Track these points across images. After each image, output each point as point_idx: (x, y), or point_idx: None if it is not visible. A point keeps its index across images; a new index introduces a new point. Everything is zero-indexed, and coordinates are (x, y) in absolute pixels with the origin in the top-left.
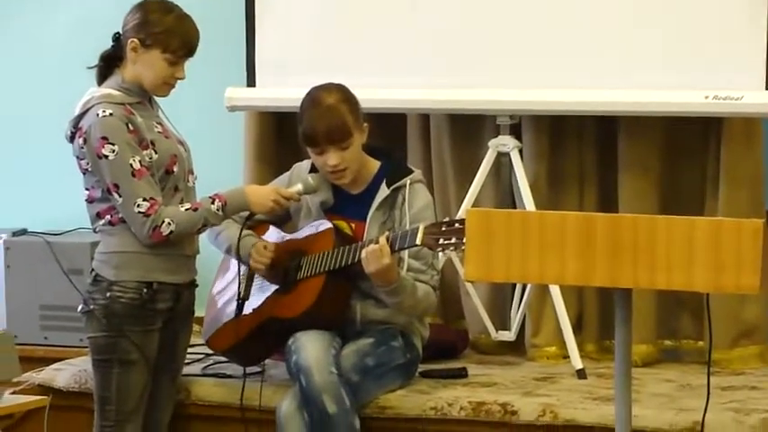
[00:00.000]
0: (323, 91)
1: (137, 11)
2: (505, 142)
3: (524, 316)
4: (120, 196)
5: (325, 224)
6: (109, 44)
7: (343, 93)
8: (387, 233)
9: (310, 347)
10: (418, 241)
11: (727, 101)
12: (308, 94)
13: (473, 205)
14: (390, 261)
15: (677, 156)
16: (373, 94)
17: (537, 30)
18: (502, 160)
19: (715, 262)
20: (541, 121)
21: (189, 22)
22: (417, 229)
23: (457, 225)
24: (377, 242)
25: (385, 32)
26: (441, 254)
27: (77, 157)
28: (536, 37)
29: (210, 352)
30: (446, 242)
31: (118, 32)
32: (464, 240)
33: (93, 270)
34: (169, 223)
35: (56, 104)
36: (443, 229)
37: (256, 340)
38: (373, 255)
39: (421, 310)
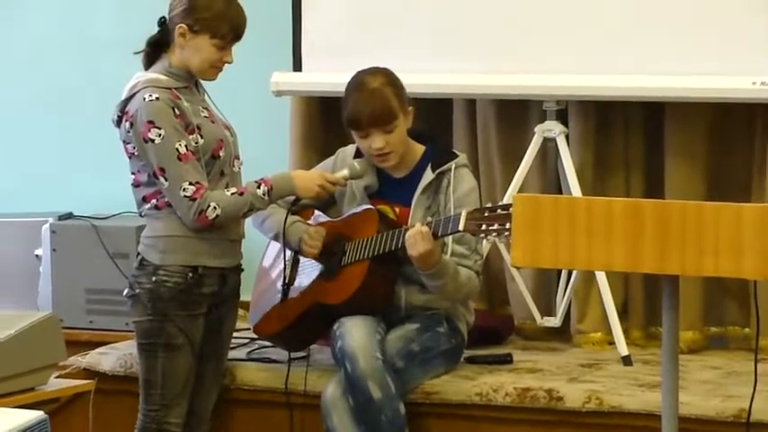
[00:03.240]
0: (367, 75)
1: None
2: (552, 128)
3: (570, 302)
4: (166, 180)
5: (369, 209)
6: (156, 28)
7: (387, 76)
8: (429, 219)
9: (355, 333)
10: (461, 227)
11: None
12: (353, 78)
13: (519, 191)
14: (433, 245)
15: (724, 142)
16: (420, 78)
17: (585, 15)
18: (548, 146)
19: (763, 248)
20: (588, 106)
21: (236, 7)
22: (460, 215)
23: (500, 211)
24: (420, 225)
25: (432, 17)
26: (484, 240)
27: (124, 141)
28: (583, 23)
29: (256, 336)
30: (489, 228)
31: (164, 17)
32: (507, 227)
33: (138, 254)
34: (215, 207)
35: (102, 88)
36: (486, 214)
37: (301, 326)
38: (416, 238)
39: (463, 295)
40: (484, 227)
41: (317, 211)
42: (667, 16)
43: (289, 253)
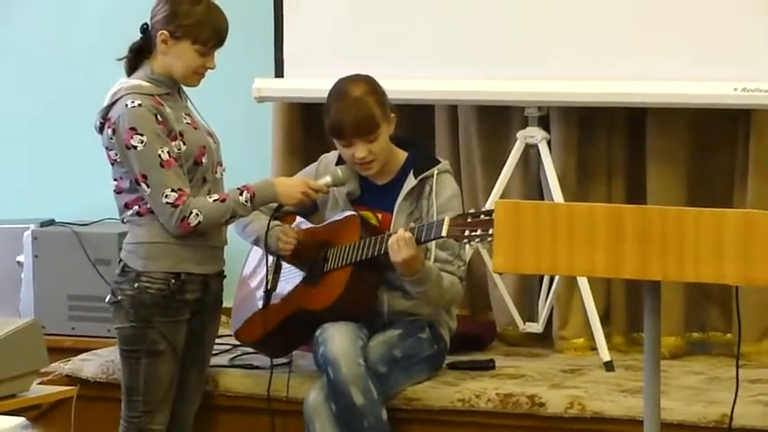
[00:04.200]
0: (350, 83)
1: (165, 2)
2: (533, 134)
3: (552, 308)
4: (148, 187)
5: (352, 215)
6: (138, 34)
7: (369, 84)
8: (412, 224)
9: (338, 339)
10: (444, 233)
11: (756, 93)
12: (335, 86)
13: (501, 197)
14: (416, 251)
15: (706, 148)
16: (401, 85)
17: (565, 21)
18: (530, 152)
19: (744, 254)
20: (570, 112)
21: (218, 12)
22: (443, 220)
23: (483, 216)
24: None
25: (413, 24)
26: (467, 246)
27: (106, 148)
28: (564, 28)
29: (238, 343)
30: (472, 234)
31: (146, 24)
32: (490, 232)
33: (121, 261)
34: (197, 214)
35: (85, 95)
36: (469, 220)
37: (284, 332)
38: (399, 244)
39: (447, 301)
40: (467, 232)
41: (299, 218)
42: (649, 23)
43: (271, 259)
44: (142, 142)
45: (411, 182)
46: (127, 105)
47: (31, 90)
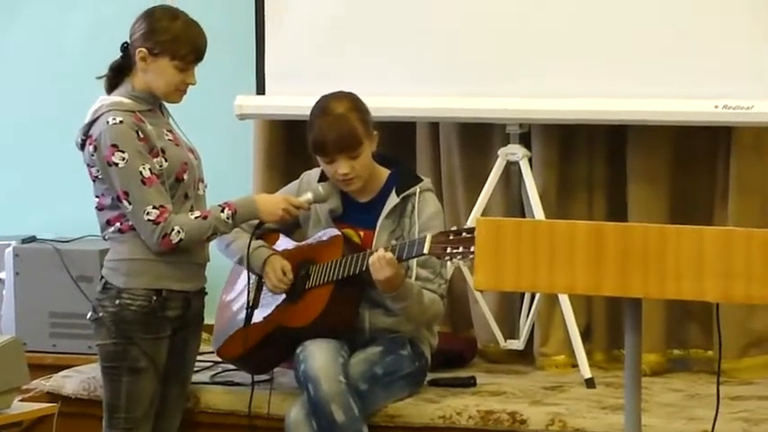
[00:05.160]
0: (333, 100)
1: (143, 20)
2: (515, 151)
3: (533, 325)
4: (129, 204)
5: (334, 233)
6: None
7: (352, 101)
8: (393, 242)
9: (319, 356)
10: (426, 250)
11: (737, 110)
12: (318, 102)
13: (482, 214)
14: (397, 269)
15: (687, 165)
16: (383, 102)
17: (547, 39)
18: (511, 169)
19: (725, 271)
20: (551, 130)
21: (196, 28)
22: (425, 238)
23: (464, 234)
24: (384, 250)
25: (395, 41)
26: (448, 263)
27: (88, 165)
28: (546, 46)
29: (219, 360)
30: (453, 251)
31: (126, 42)
32: (471, 249)
33: (102, 277)
34: (179, 231)
35: (66, 111)
36: (451, 237)
37: (265, 349)
38: (381, 263)
39: (428, 318)
40: (448, 250)
41: (281, 235)
42: (630, 40)
43: (253, 277)
44: (123, 159)
45: (393, 200)
46: (108, 122)
47: (12, 106)
